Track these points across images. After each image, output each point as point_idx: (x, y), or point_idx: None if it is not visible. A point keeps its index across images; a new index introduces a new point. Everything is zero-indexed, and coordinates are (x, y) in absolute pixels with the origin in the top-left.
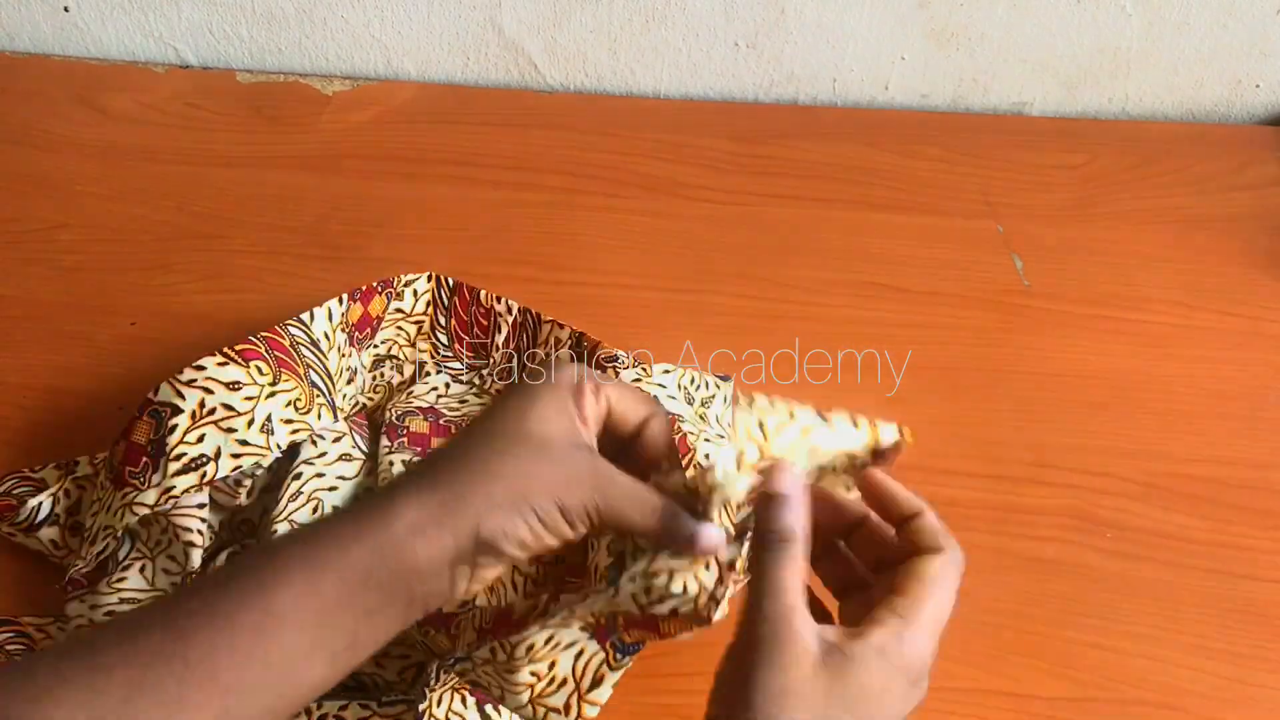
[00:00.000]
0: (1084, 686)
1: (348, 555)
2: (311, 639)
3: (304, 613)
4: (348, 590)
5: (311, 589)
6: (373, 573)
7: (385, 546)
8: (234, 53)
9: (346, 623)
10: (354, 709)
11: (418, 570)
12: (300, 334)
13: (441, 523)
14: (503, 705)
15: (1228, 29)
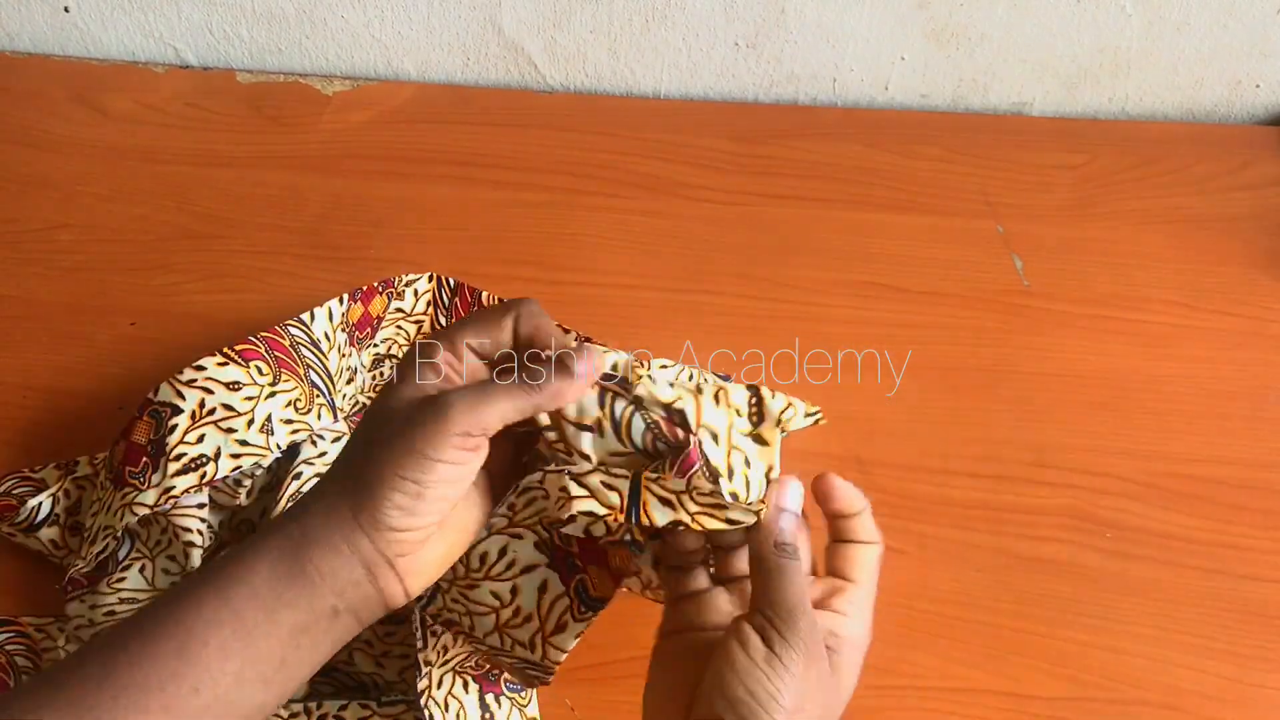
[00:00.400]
0: (1084, 686)
1: (254, 572)
2: (239, 663)
3: (224, 636)
4: (261, 607)
5: (226, 609)
6: (282, 587)
7: (287, 557)
8: (234, 53)
9: (271, 644)
10: (354, 709)
11: (325, 577)
12: (300, 334)
13: (328, 525)
14: (474, 637)
15: (1228, 29)
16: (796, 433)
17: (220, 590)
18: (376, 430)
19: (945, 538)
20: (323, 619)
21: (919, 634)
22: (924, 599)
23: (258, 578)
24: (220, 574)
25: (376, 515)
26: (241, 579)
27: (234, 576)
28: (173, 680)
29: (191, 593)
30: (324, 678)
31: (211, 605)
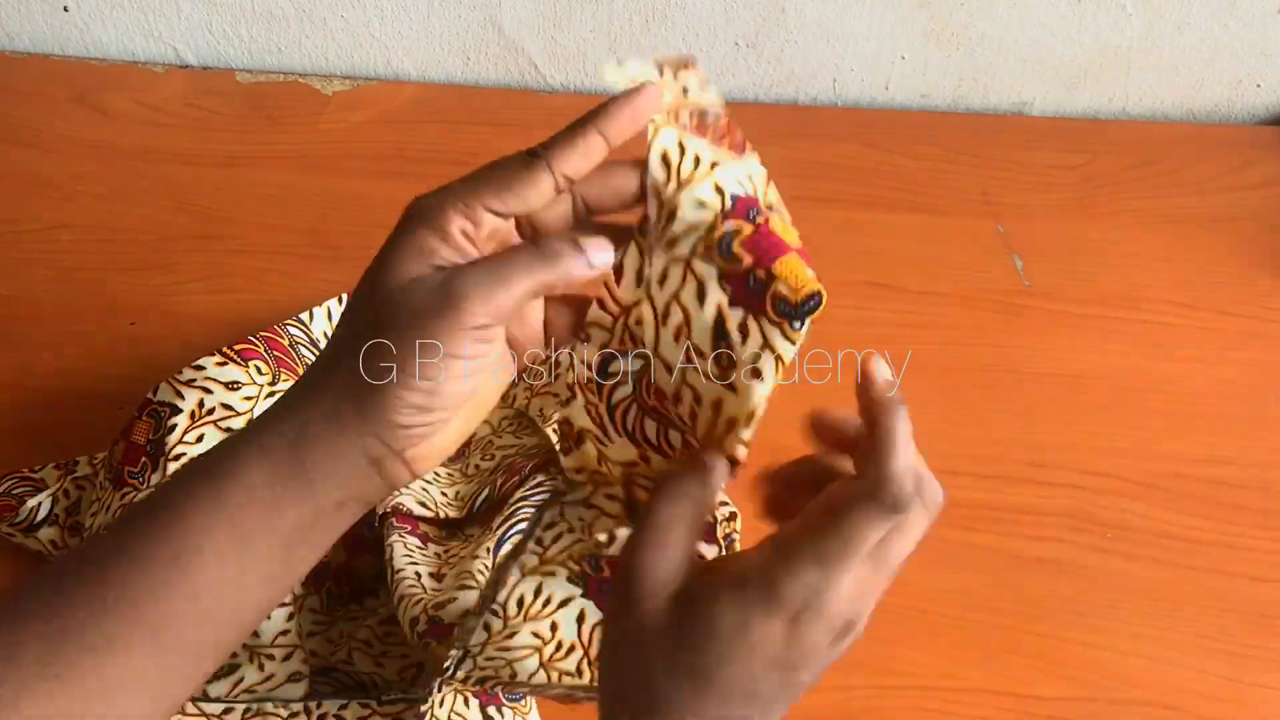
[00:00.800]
0: (1084, 686)
1: (250, 474)
2: (238, 567)
3: (220, 541)
4: (262, 511)
5: (221, 513)
6: (282, 487)
7: (286, 457)
8: (233, 52)
9: (272, 543)
10: (354, 708)
11: (329, 476)
12: (299, 334)
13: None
14: (516, 682)
15: (1228, 29)
16: (796, 431)
17: (214, 493)
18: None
19: (945, 538)
20: (326, 513)
21: (919, 634)
22: (924, 599)
23: (254, 478)
24: (212, 475)
25: (386, 415)
26: (236, 480)
27: (228, 477)
28: (168, 589)
29: (183, 496)
30: (323, 677)
31: (205, 509)
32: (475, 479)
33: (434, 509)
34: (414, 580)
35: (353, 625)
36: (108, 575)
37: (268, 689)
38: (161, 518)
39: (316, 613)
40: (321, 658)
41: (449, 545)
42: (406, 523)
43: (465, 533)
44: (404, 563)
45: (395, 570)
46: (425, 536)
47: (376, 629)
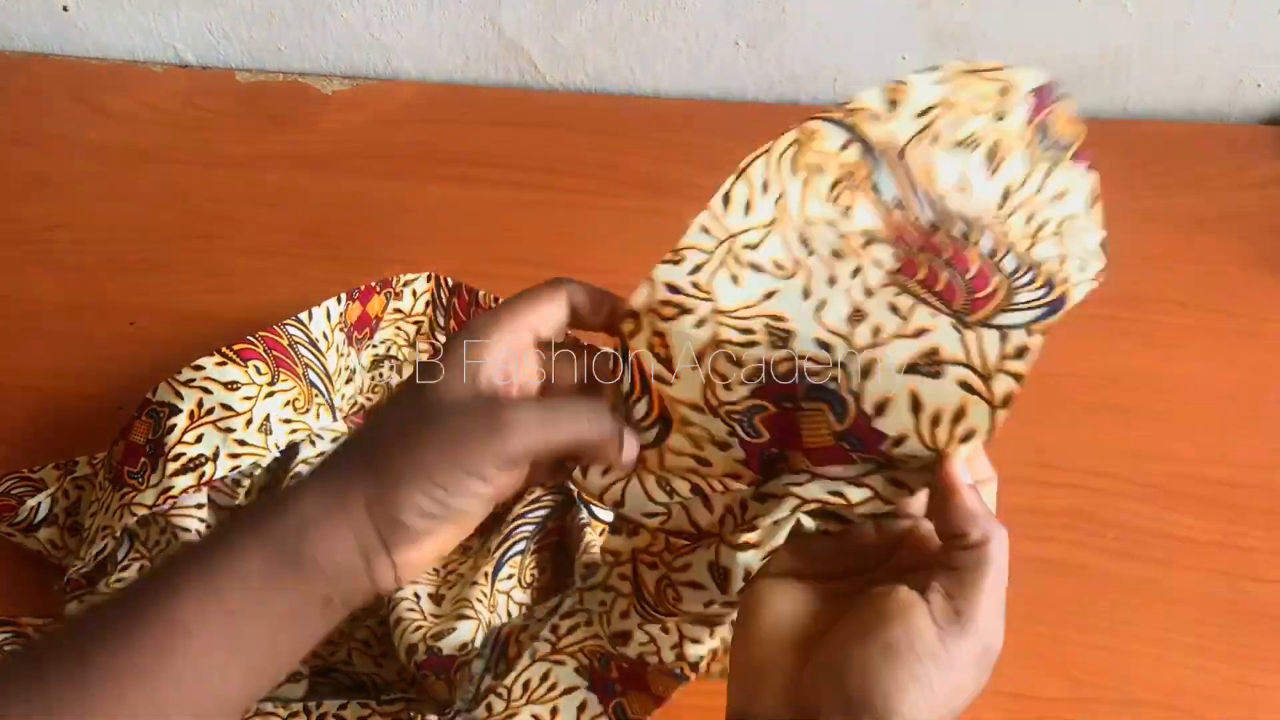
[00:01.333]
0: (1084, 686)
1: (246, 559)
2: (226, 652)
3: (209, 624)
4: (252, 596)
5: (213, 598)
6: (275, 574)
7: (282, 544)
8: (233, 52)
9: (260, 631)
10: (353, 708)
11: (322, 566)
12: (298, 333)
13: (334, 513)
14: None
15: (1228, 28)
16: None
17: (207, 578)
18: (414, 422)
19: None
20: (314, 606)
21: None
22: None
23: (249, 565)
24: (205, 560)
25: (394, 513)
26: (231, 567)
27: (222, 563)
28: (153, 674)
29: (174, 580)
30: (322, 678)
31: (196, 595)
32: None
33: None
34: (413, 603)
35: (352, 625)
36: (92, 657)
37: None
38: (151, 600)
39: None
40: (321, 658)
41: (447, 558)
42: None
43: (463, 543)
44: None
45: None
46: None
47: (376, 629)
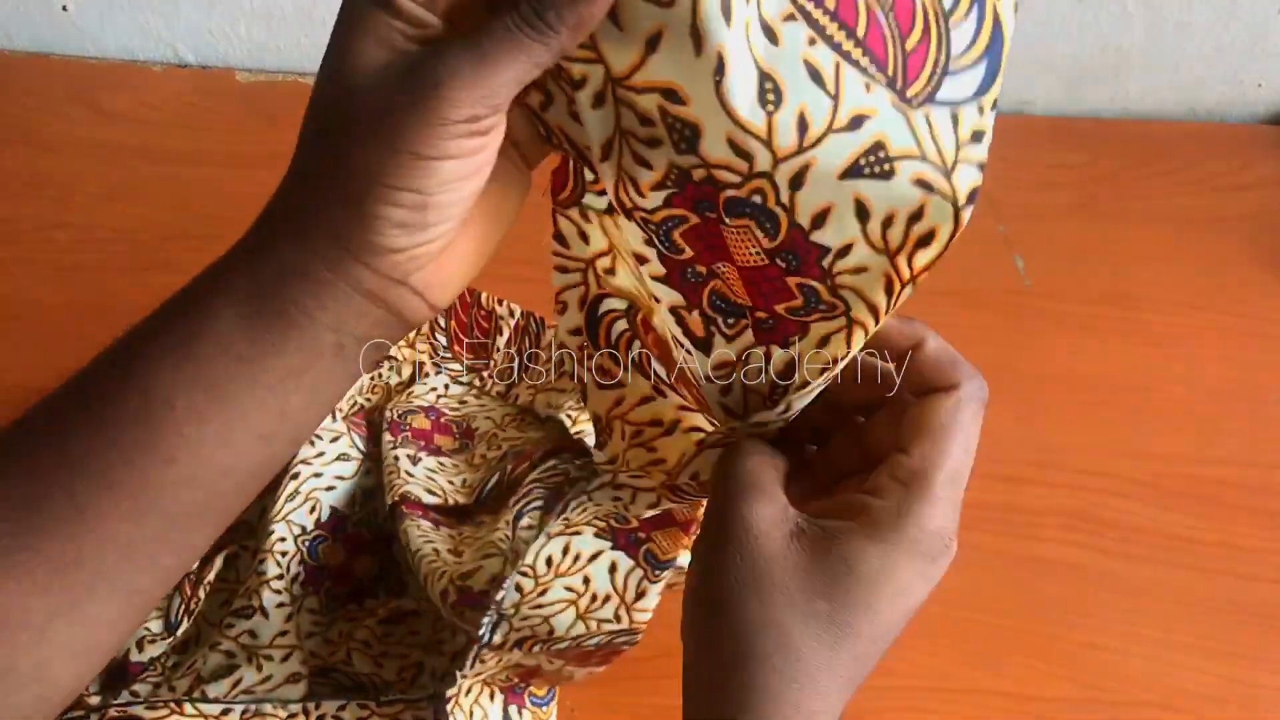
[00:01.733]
0: (1084, 687)
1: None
2: (219, 425)
3: (194, 397)
4: (239, 361)
5: (189, 364)
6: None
7: (258, 300)
8: (233, 52)
9: (259, 397)
10: (352, 709)
11: (315, 317)
12: None
13: (304, 249)
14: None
15: (1229, 28)
16: None
17: (182, 345)
18: (338, 122)
19: None
20: (324, 356)
21: (919, 634)
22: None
23: (222, 324)
24: (173, 323)
25: (369, 239)
26: (205, 330)
27: (191, 325)
28: (140, 451)
29: (141, 347)
30: (321, 678)
31: (170, 361)
32: (482, 467)
33: (442, 495)
34: (434, 556)
35: (351, 626)
36: (69, 439)
37: (266, 690)
38: (123, 375)
39: (315, 613)
40: (320, 658)
41: (460, 529)
42: (416, 509)
43: (476, 519)
44: (420, 542)
45: (414, 551)
46: (437, 522)
47: (375, 629)
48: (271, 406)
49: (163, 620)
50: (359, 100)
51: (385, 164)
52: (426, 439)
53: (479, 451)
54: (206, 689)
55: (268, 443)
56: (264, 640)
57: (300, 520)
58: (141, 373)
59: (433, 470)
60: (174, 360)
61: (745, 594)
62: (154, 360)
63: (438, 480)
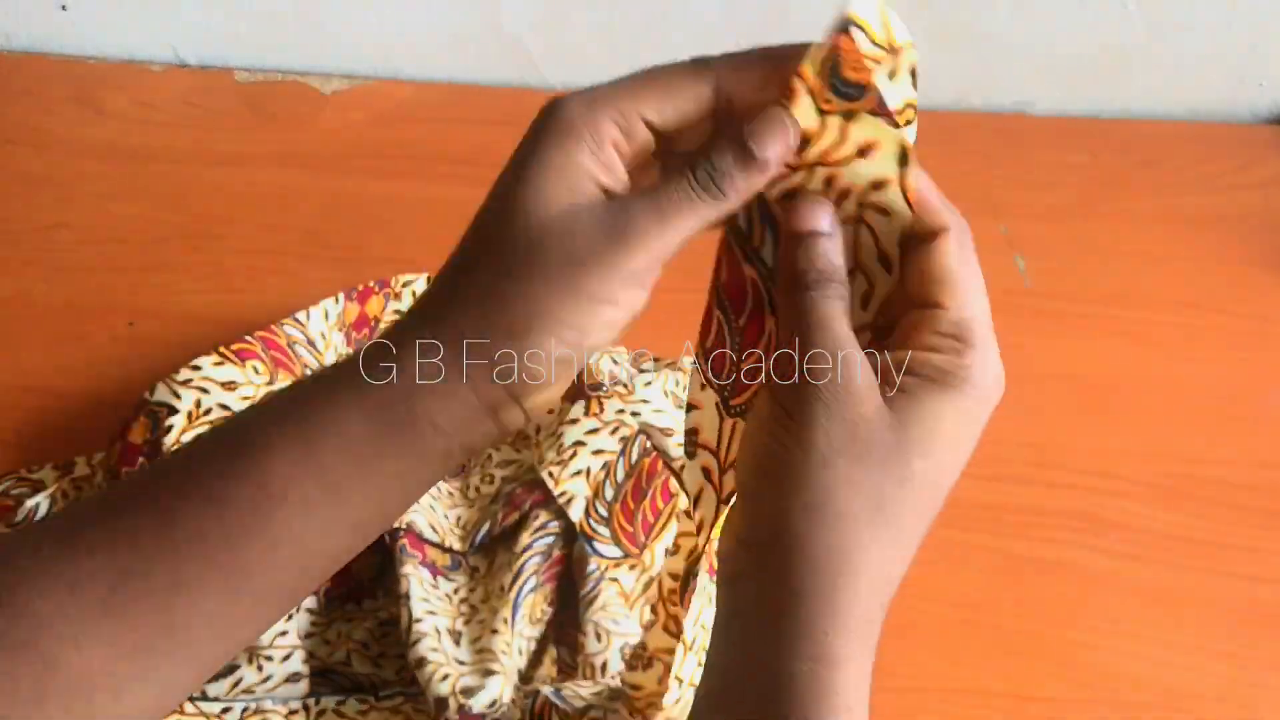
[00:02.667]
0: (1084, 687)
1: (347, 422)
2: (324, 518)
3: (306, 489)
4: (356, 460)
5: (311, 461)
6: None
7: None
8: (232, 52)
9: (368, 492)
10: (352, 704)
11: (439, 426)
12: (296, 333)
13: (450, 376)
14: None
15: (1230, 28)
16: None
17: (303, 440)
18: (516, 252)
19: (945, 538)
20: (433, 462)
21: (919, 634)
22: (924, 599)
23: (351, 429)
24: (297, 420)
25: (524, 367)
26: (330, 429)
27: (319, 426)
28: (247, 536)
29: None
30: (320, 679)
31: (292, 458)
32: (476, 504)
33: (440, 534)
34: (434, 639)
35: (350, 626)
36: (178, 515)
37: (266, 690)
38: (240, 459)
39: (314, 613)
40: (319, 659)
41: (455, 580)
42: (417, 548)
43: (470, 563)
44: (422, 610)
45: (414, 618)
46: (434, 567)
47: (374, 630)
48: (375, 502)
49: None
50: (548, 242)
51: (565, 305)
52: None
53: (473, 483)
54: (206, 689)
55: (360, 532)
56: (264, 640)
57: None
58: (261, 462)
59: (434, 496)
60: (295, 455)
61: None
62: (274, 451)
63: (437, 510)
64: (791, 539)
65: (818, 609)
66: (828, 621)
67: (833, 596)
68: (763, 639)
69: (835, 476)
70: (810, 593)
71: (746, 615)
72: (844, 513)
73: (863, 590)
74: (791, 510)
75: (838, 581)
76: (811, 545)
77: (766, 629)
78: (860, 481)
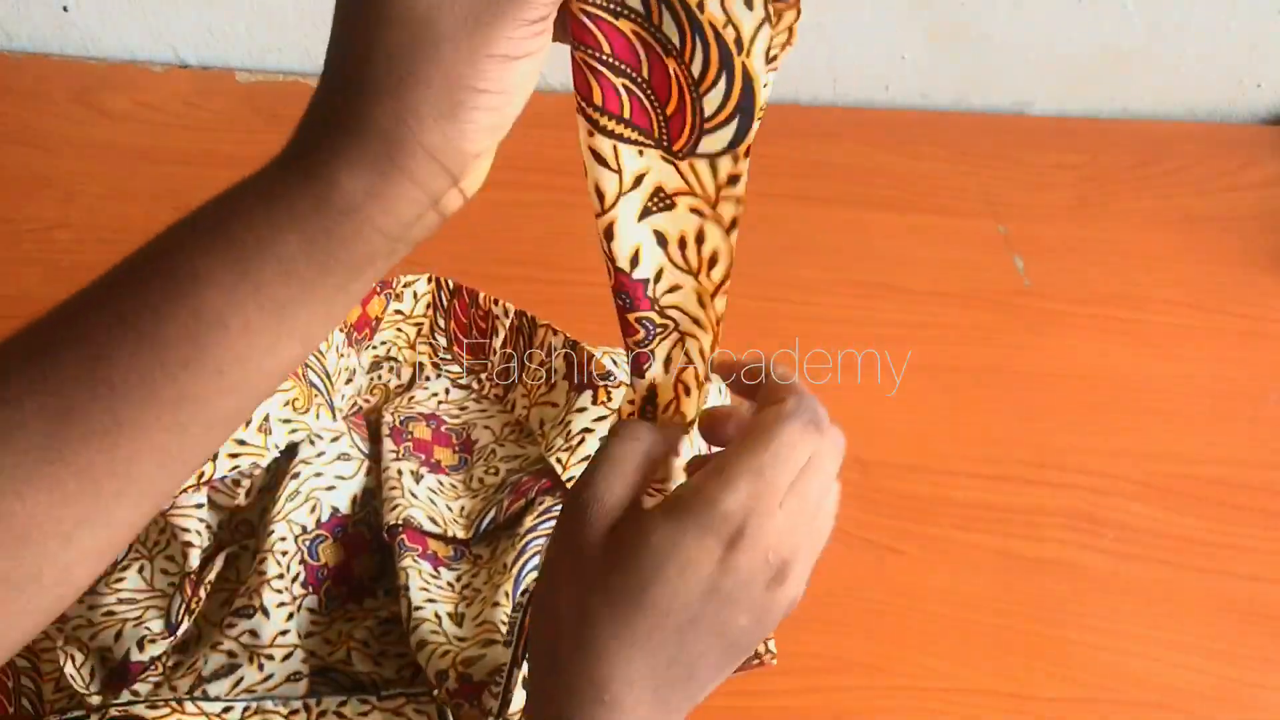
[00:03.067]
0: (1084, 686)
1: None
2: (270, 337)
3: (247, 313)
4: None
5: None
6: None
7: (331, 224)
8: (233, 52)
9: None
10: (353, 704)
11: (384, 230)
12: None
13: (393, 175)
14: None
15: (1229, 29)
16: None
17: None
18: (414, 28)
19: (945, 538)
20: (377, 263)
21: (919, 634)
22: (924, 599)
23: (284, 248)
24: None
25: (463, 146)
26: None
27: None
28: (187, 368)
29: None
30: (321, 678)
31: (225, 284)
32: (480, 494)
33: (442, 525)
34: (435, 624)
35: (351, 625)
36: (112, 354)
37: (267, 689)
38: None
39: (315, 613)
40: (319, 658)
41: (458, 569)
42: (417, 542)
43: (473, 552)
44: (421, 599)
45: (413, 607)
46: (435, 558)
47: (375, 629)
48: (320, 316)
49: (163, 620)
50: (441, 14)
51: (478, 70)
52: (427, 452)
53: (476, 474)
54: (208, 688)
55: (308, 344)
56: (264, 640)
57: (301, 520)
58: (191, 291)
59: (434, 490)
60: (230, 280)
61: (563, 573)
62: (207, 281)
63: (438, 505)
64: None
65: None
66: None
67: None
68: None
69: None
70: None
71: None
72: (548, 619)
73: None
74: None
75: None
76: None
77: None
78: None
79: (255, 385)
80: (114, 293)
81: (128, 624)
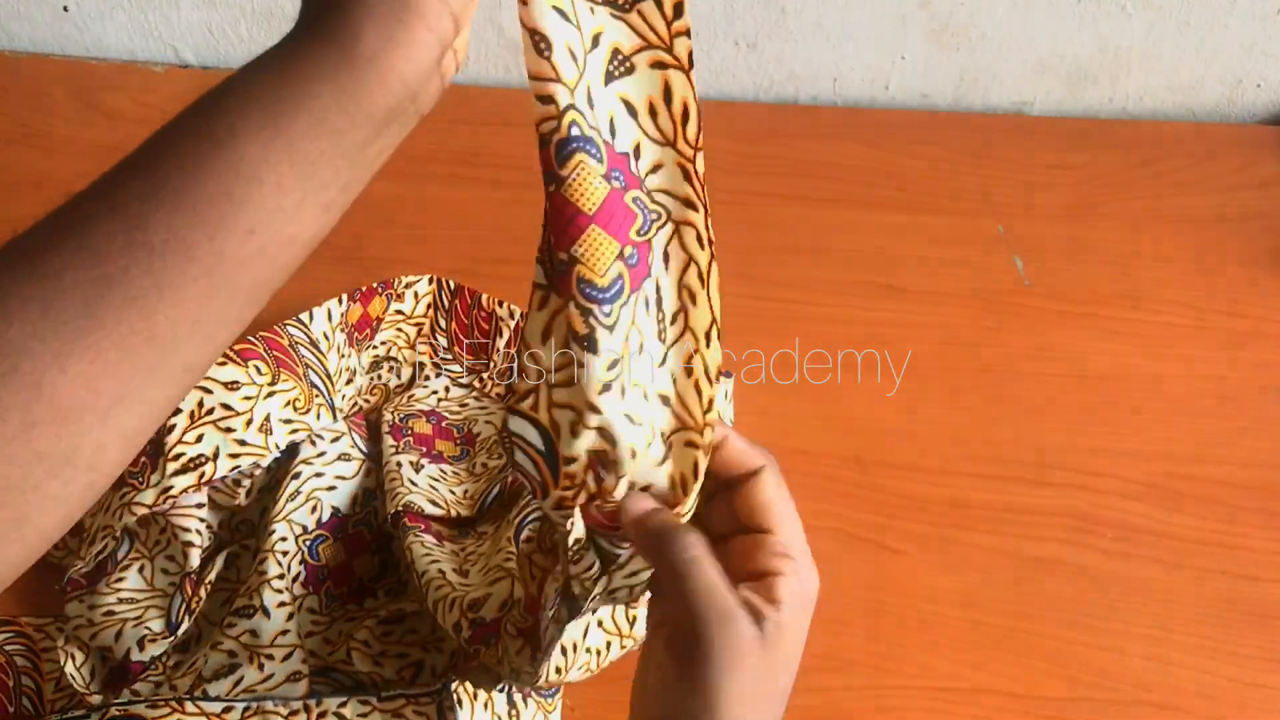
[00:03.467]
0: (1084, 686)
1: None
2: (298, 195)
3: (281, 172)
4: (329, 136)
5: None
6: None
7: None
8: (233, 52)
9: (337, 167)
10: (354, 705)
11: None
12: (299, 334)
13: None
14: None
15: (1229, 28)
16: (796, 431)
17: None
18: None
19: (945, 538)
20: (393, 127)
21: (919, 634)
22: (924, 599)
23: (322, 101)
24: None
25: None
26: (300, 104)
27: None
28: (223, 226)
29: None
30: (321, 678)
31: (262, 139)
32: (484, 477)
33: (445, 506)
34: (441, 580)
35: (351, 626)
36: (149, 216)
37: (267, 689)
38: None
39: (315, 613)
40: (320, 658)
41: (463, 543)
42: (419, 522)
43: (477, 530)
44: (426, 564)
45: (420, 573)
46: (439, 535)
47: (375, 629)
48: (343, 176)
49: (164, 619)
50: None
51: None
52: (428, 444)
53: (480, 460)
54: (208, 688)
55: (328, 212)
56: (265, 640)
57: (301, 520)
58: (230, 145)
59: (435, 479)
60: (266, 135)
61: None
62: (242, 134)
63: (440, 490)
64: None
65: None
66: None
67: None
68: None
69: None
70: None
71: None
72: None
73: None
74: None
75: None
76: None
77: None
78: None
79: (278, 254)
80: (150, 159)
81: (128, 624)
